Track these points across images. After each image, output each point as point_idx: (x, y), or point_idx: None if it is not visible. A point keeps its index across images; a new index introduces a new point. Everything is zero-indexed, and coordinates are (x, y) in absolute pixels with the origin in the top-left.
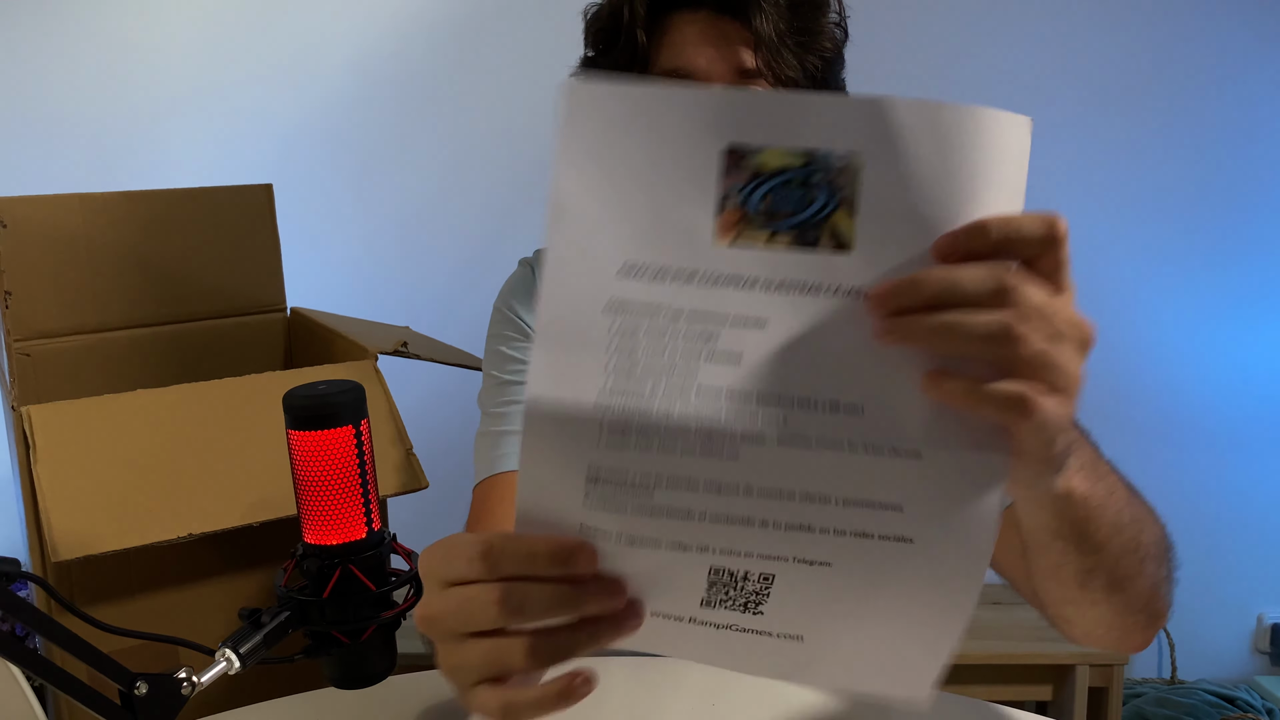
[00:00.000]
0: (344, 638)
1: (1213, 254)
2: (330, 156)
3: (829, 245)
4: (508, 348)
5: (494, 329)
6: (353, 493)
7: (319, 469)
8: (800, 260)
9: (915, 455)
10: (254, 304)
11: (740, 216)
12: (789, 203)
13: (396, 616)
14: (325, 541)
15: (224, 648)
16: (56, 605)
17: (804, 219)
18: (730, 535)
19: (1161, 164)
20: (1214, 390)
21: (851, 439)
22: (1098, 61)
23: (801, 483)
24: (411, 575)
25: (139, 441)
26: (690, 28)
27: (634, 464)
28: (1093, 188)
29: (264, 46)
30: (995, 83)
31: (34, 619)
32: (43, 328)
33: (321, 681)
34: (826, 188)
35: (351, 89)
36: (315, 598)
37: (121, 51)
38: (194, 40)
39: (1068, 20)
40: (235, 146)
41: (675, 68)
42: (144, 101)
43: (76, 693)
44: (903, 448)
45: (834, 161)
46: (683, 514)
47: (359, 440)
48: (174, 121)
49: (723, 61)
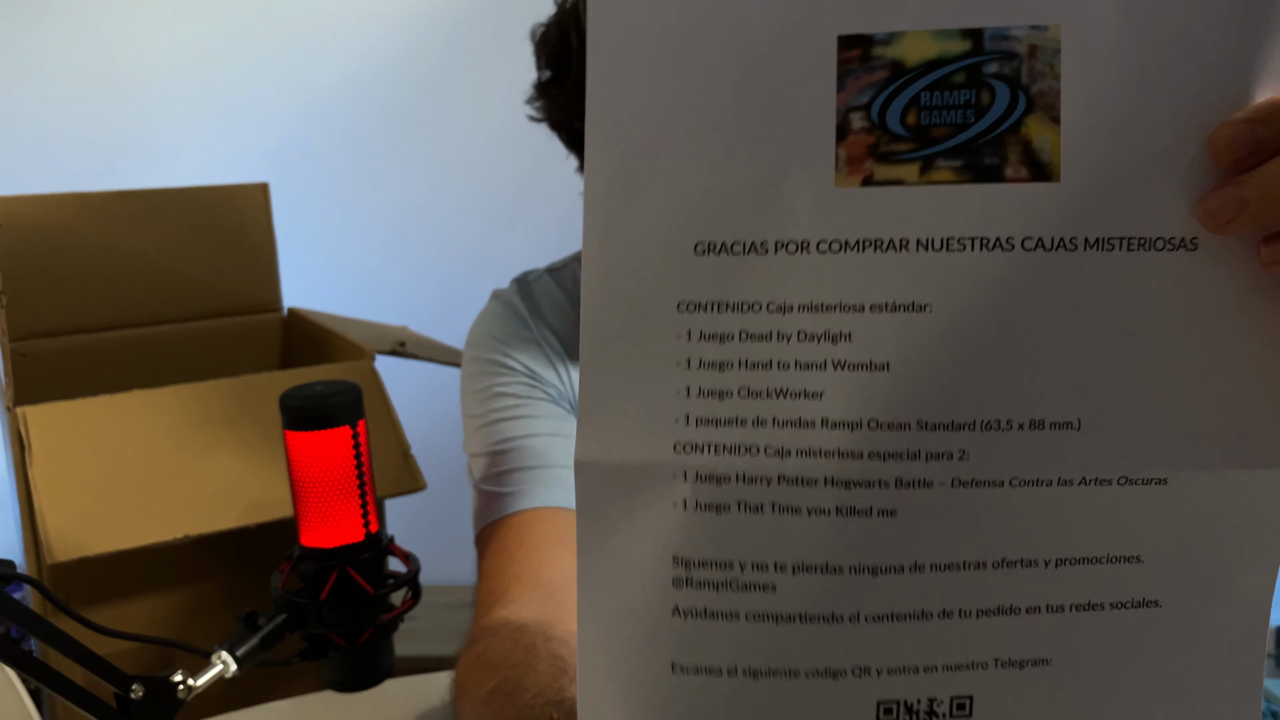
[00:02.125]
0: (341, 640)
1: None
2: (328, 156)
3: (1021, 172)
4: (498, 385)
5: (472, 380)
6: (350, 494)
7: (316, 470)
8: (975, 199)
9: (1160, 482)
10: (250, 304)
11: (873, 142)
12: (949, 114)
13: (394, 619)
14: (322, 544)
15: (220, 650)
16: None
17: (975, 135)
18: (899, 643)
19: None
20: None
21: (1065, 470)
22: None
23: (993, 543)
24: (409, 577)
25: (135, 442)
26: None
27: (739, 543)
28: None
29: (261, 46)
30: None
31: (29, 621)
32: (38, 327)
33: (319, 684)
34: (1006, 84)
35: (349, 88)
36: (312, 600)
37: (117, 51)
38: (191, 40)
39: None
40: (232, 146)
41: None
42: (140, 101)
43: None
44: (1141, 473)
45: (1015, 42)
46: (822, 617)
47: (356, 441)
48: (170, 121)
49: None
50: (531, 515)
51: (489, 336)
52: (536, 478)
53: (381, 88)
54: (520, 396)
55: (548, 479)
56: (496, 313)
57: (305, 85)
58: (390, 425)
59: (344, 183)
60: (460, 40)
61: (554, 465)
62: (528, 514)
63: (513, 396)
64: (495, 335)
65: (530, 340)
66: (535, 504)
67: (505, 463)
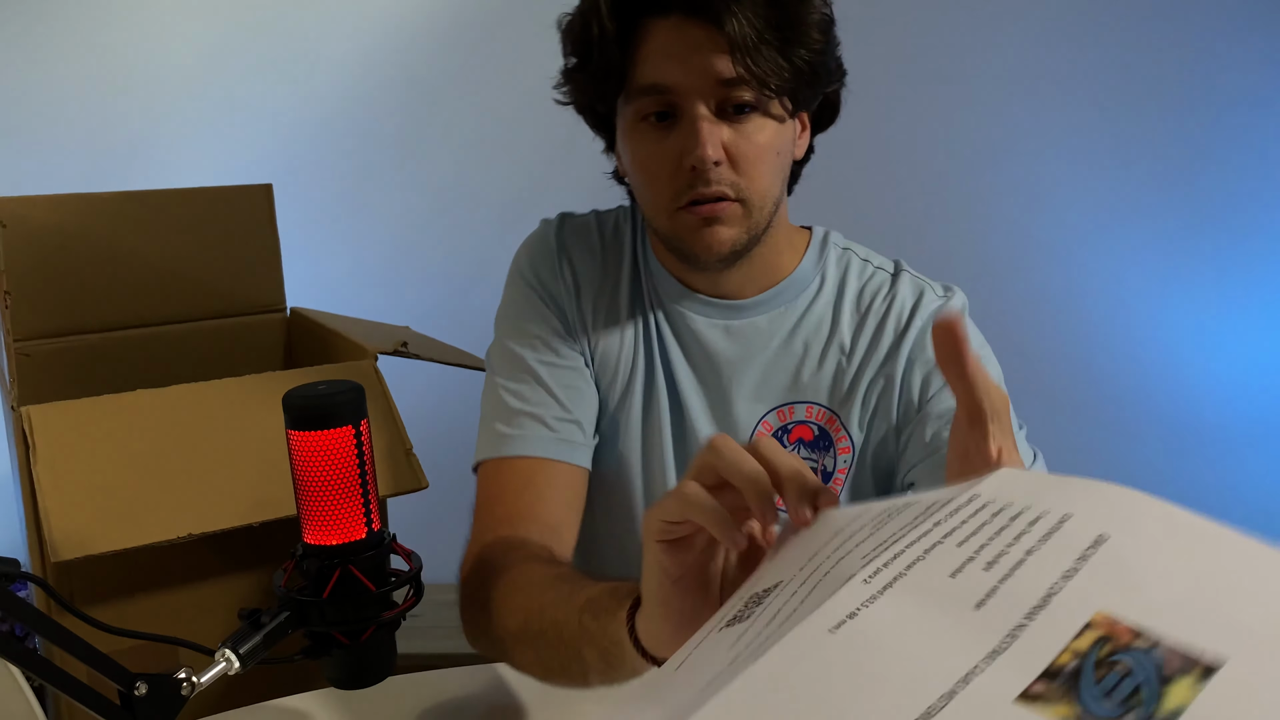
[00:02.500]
0: (344, 638)
1: (1214, 256)
2: (330, 156)
3: None
4: (533, 325)
5: (513, 296)
6: (352, 493)
7: (319, 469)
8: None
9: None
10: (254, 304)
11: None
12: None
13: (396, 617)
14: (325, 542)
15: (224, 648)
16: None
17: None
18: None
19: (1162, 165)
20: (1215, 390)
21: None
22: (1102, 63)
23: None
24: (411, 575)
25: (139, 442)
26: (661, 37)
27: None
28: (1099, 188)
29: (264, 46)
30: (999, 85)
31: (34, 619)
32: (43, 328)
33: (321, 682)
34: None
35: (352, 89)
36: (315, 598)
37: (121, 51)
38: (194, 40)
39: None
40: (235, 146)
41: (652, 84)
42: (144, 101)
43: (76, 693)
44: None
45: None
46: None
47: (359, 440)
48: (174, 121)
49: (698, 74)
50: (533, 462)
51: (528, 261)
52: (543, 430)
53: (384, 90)
54: (546, 345)
55: (553, 433)
56: (534, 241)
57: (308, 87)
58: (392, 424)
59: (347, 184)
60: (464, 43)
61: (563, 419)
62: (530, 460)
63: (540, 341)
64: (533, 261)
65: (554, 273)
66: (538, 453)
67: (520, 403)
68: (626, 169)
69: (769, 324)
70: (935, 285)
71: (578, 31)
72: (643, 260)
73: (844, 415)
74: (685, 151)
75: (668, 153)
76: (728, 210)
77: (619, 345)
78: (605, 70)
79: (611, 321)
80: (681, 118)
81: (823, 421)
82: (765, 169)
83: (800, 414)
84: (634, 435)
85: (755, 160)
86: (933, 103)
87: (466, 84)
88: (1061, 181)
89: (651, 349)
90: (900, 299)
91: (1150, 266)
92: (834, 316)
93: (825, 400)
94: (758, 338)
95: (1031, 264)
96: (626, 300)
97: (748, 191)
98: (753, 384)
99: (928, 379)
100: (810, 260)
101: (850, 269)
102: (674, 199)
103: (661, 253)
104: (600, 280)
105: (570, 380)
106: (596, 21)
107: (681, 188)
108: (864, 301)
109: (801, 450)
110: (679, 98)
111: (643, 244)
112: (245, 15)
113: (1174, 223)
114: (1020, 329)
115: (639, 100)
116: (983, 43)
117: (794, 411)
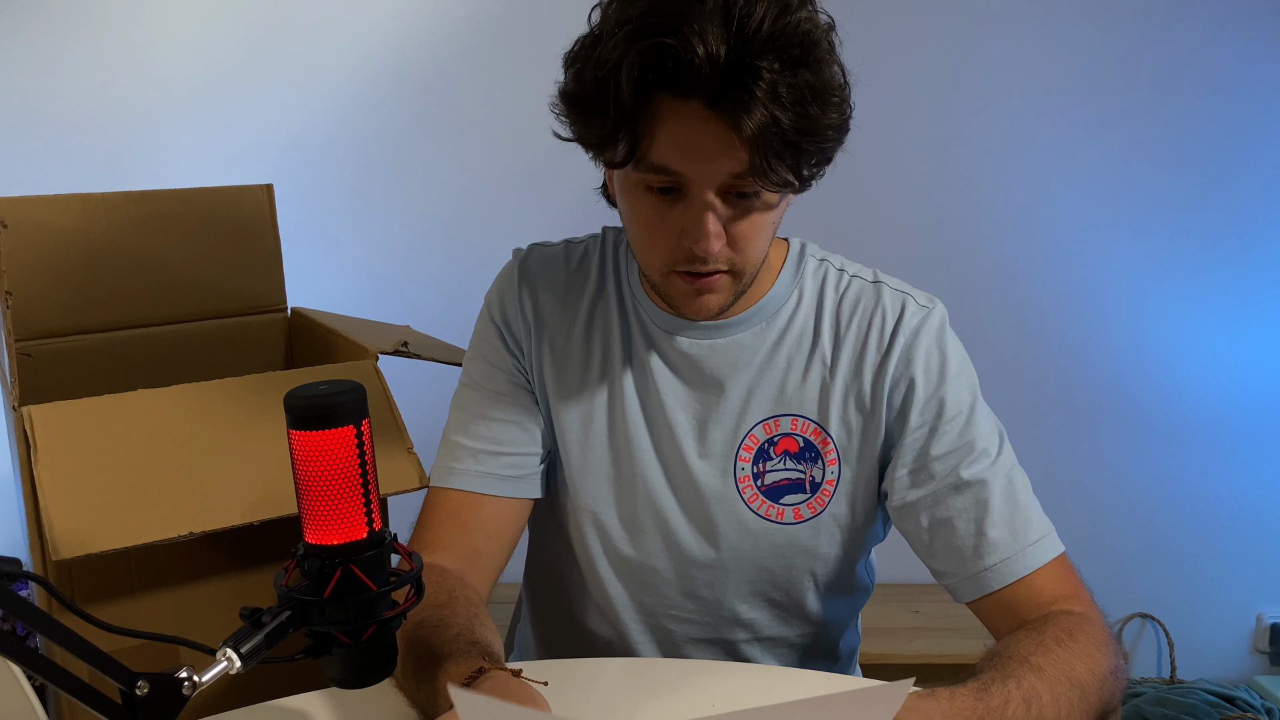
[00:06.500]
0: (345, 637)
1: (1214, 256)
2: (331, 157)
3: None
4: (489, 359)
5: (479, 329)
6: (353, 492)
7: (320, 469)
8: None
9: None
10: (255, 304)
11: None
12: None
13: (397, 616)
14: (326, 541)
15: (225, 647)
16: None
17: None
18: None
19: (1162, 166)
20: (1214, 390)
21: None
22: (1099, 64)
23: None
24: (412, 575)
25: (139, 441)
26: (679, 125)
27: None
28: (1095, 190)
29: (265, 47)
30: (999, 85)
31: (35, 618)
32: (43, 328)
33: (323, 681)
34: None
35: (353, 90)
36: (316, 597)
37: (122, 51)
38: (195, 40)
39: (1073, 21)
40: (236, 146)
41: (665, 166)
42: (145, 101)
43: (77, 692)
44: None
45: None
46: None
47: (360, 440)
48: (175, 121)
49: (712, 169)
50: (471, 496)
51: (496, 295)
52: (476, 465)
53: (385, 91)
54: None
55: (491, 469)
56: (502, 276)
57: (310, 87)
58: (393, 424)
59: (348, 184)
60: (466, 45)
61: (500, 453)
62: (469, 495)
63: (493, 376)
64: (500, 296)
65: (516, 309)
66: (475, 489)
67: (462, 437)
68: (621, 211)
69: (752, 339)
70: (917, 295)
71: (590, 90)
72: (627, 284)
73: (830, 427)
74: (687, 233)
75: (669, 224)
76: (720, 281)
77: (579, 380)
78: (614, 139)
79: (567, 358)
80: (687, 196)
81: (808, 434)
82: (761, 243)
83: (786, 426)
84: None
85: (753, 238)
86: (928, 107)
87: (467, 85)
88: (1058, 185)
89: (629, 372)
90: (882, 312)
91: (1149, 267)
92: (815, 330)
93: (811, 413)
94: (742, 354)
95: (1029, 266)
96: (600, 329)
97: (741, 265)
98: (739, 399)
99: (911, 394)
100: (787, 275)
101: (828, 280)
102: (668, 263)
103: (645, 280)
104: (559, 317)
105: (514, 416)
106: (614, 90)
107: (678, 258)
108: (844, 314)
109: (788, 462)
110: (688, 182)
111: (628, 267)
112: (247, 16)
113: (1173, 223)
114: (1019, 330)
115: (647, 173)
116: (978, 46)
117: (780, 424)
